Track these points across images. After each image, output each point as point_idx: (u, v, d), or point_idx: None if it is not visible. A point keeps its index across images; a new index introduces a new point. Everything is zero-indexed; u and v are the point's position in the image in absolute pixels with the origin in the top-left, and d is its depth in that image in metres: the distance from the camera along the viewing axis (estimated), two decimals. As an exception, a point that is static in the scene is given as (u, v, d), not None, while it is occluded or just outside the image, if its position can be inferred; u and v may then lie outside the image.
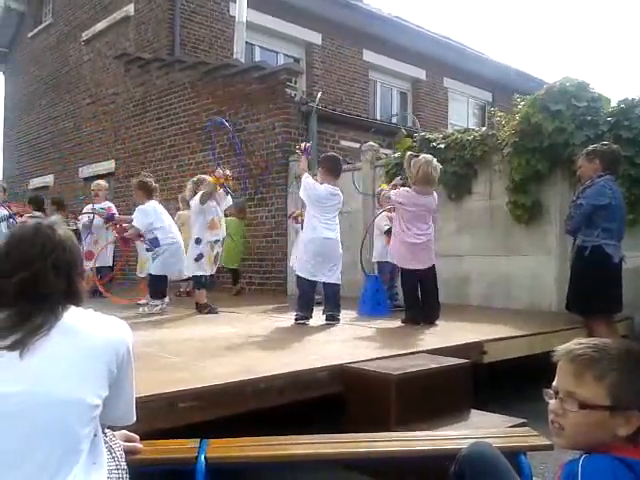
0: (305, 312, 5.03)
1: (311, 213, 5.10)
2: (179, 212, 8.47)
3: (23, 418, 1.39)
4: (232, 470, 2.40)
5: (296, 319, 5.04)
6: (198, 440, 2.34)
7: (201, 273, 5.97)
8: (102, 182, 8.71)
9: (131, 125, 12.13)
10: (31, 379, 1.41)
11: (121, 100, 12.45)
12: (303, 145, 5.42)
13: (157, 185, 6.72)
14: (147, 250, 6.36)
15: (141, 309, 6.15)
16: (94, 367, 1.50)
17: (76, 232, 7.89)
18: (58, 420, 1.42)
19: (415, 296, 5.12)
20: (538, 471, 2.87)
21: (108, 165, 12.82)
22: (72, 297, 1.58)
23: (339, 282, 5.16)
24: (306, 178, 5.13)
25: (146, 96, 11.73)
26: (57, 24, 15.08)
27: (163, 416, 2.49)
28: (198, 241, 5.95)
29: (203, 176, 6.38)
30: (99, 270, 7.80)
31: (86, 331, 1.53)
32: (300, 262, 5.16)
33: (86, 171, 13.61)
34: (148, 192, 6.31)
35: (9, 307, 1.49)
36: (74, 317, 1.54)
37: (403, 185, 5.39)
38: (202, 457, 2.20)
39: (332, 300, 5.11)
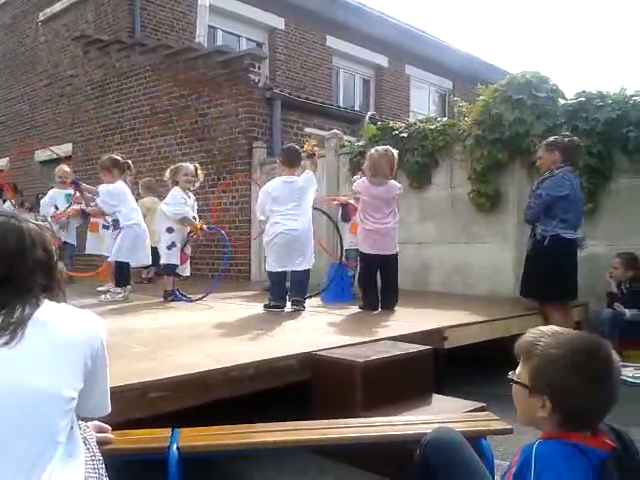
0: (279, 301, 5.10)
1: (272, 210, 5.14)
2: (142, 200, 8.35)
3: (0, 411, 1.40)
4: (204, 459, 2.44)
5: (270, 307, 5.09)
6: (170, 430, 2.37)
7: (173, 262, 5.94)
8: (66, 167, 8.46)
9: (89, 108, 11.87)
10: (6, 373, 1.41)
11: (79, 82, 12.17)
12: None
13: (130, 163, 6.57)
14: (104, 227, 6.29)
15: (103, 296, 6.07)
16: (69, 360, 1.51)
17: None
18: (35, 414, 1.42)
19: (372, 283, 5.22)
20: (498, 452, 2.99)
21: (65, 148, 12.51)
22: (50, 291, 1.59)
23: (309, 268, 5.20)
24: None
25: (105, 79, 11.49)
26: (13, 2, 14.56)
27: (134, 406, 2.50)
28: (170, 230, 5.92)
29: (182, 164, 6.20)
30: (64, 245, 7.58)
31: (60, 325, 1.54)
32: (269, 256, 5.19)
33: (42, 155, 13.28)
34: (121, 170, 6.18)
35: None
36: (48, 311, 1.54)
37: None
38: (174, 446, 2.23)
39: (299, 286, 5.19)
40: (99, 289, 6.38)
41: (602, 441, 1.47)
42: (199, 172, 6.14)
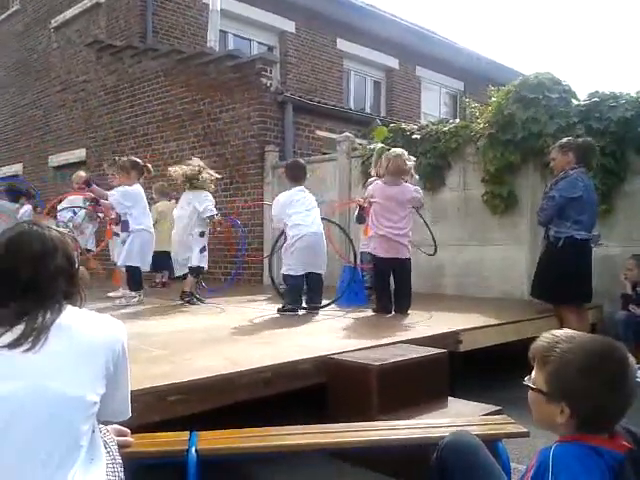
0: (295, 304, 5.17)
1: (292, 213, 5.23)
2: (155, 205, 8.44)
3: (26, 415, 1.42)
4: (220, 461, 2.46)
5: (285, 310, 5.14)
6: (188, 433, 2.39)
7: (203, 265, 6.04)
8: (83, 173, 8.54)
9: (103, 113, 11.97)
10: (32, 377, 1.44)
11: (92, 88, 12.27)
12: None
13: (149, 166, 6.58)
14: (114, 234, 6.35)
15: (117, 301, 6.12)
16: (92, 365, 1.54)
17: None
18: (60, 417, 1.45)
19: (386, 286, 5.26)
20: (514, 455, 2.99)
21: (79, 154, 12.64)
22: (71, 297, 1.62)
23: (322, 271, 5.33)
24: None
25: (118, 84, 11.58)
26: (24, 10, 14.72)
27: (152, 410, 2.53)
28: (202, 234, 6.01)
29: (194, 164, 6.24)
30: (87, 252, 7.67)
31: (82, 330, 1.57)
32: (287, 260, 5.23)
33: (56, 160, 13.40)
34: (139, 173, 6.27)
35: (10, 306, 1.52)
36: (70, 316, 1.57)
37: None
38: (193, 449, 2.25)
39: (316, 290, 5.29)
40: (109, 295, 6.43)
41: (618, 443, 1.47)
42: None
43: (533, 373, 1.59)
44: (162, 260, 8.43)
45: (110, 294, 6.50)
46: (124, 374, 1.69)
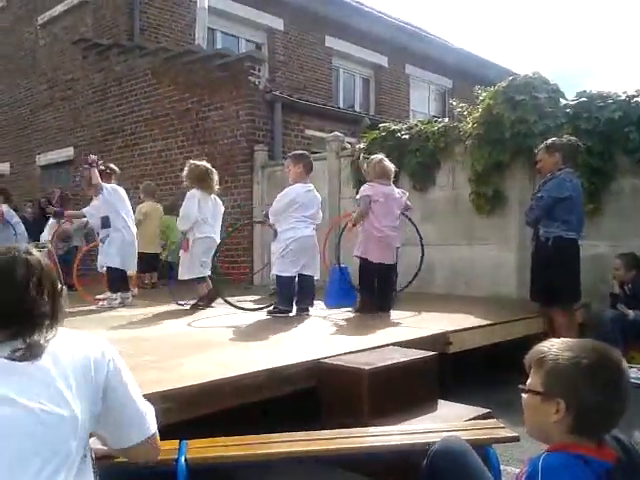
0: (287, 306, 5.17)
1: (289, 214, 5.19)
2: (140, 205, 8.41)
3: (15, 435, 1.41)
4: (212, 469, 2.45)
5: (276, 312, 5.14)
6: (177, 441, 2.38)
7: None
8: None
9: (90, 112, 11.90)
10: (22, 396, 1.43)
11: (79, 86, 12.19)
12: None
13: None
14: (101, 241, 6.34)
15: (100, 303, 6.12)
16: (81, 385, 1.53)
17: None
18: (50, 437, 1.44)
19: (372, 288, 5.35)
20: (504, 458, 3.00)
21: (67, 153, 12.56)
22: (55, 318, 1.61)
23: (316, 275, 5.33)
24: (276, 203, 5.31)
25: (105, 82, 11.52)
26: (11, 7, 14.59)
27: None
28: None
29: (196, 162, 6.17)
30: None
31: (66, 349, 1.56)
32: (281, 261, 5.19)
33: (44, 159, 13.31)
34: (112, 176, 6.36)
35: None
36: (55, 338, 1.57)
37: None
38: (182, 459, 2.24)
39: (308, 293, 5.29)
40: (97, 297, 6.41)
41: (607, 452, 1.48)
42: None
43: (529, 379, 1.59)
44: (150, 261, 8.43)
45: (98, 296, 6.46)
46: (124, 391, 1.65)
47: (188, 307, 5.86)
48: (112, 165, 6.57)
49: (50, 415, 1.45)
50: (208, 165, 6.09)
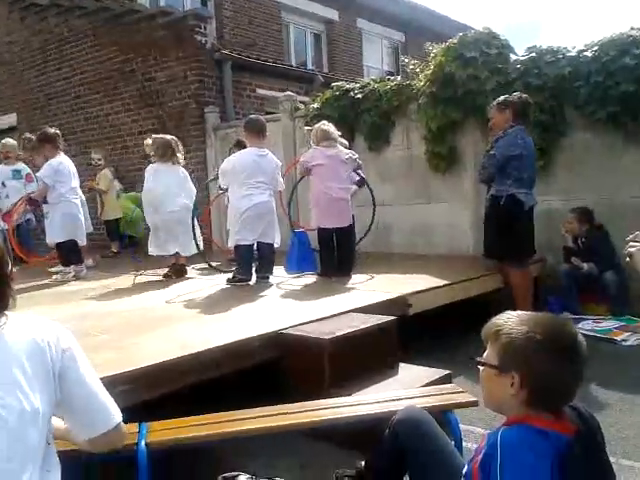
0: (246, 274, 5.11)
1: (243, 181, 5.09)
2: (104, 171, 8.38)
3: None
4: (175, 453, 2.42)
5: (235, 280, 5.08)
6: (137, 424, 2.33)
7: None
8: (10, 140, 8.13)
9: (31, 76, 11.35)
10: None
11: (18, 49, 11.57)
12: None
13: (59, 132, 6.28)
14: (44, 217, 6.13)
15: (54, 277, 5.98)
16: (35, 372, 1.46)
17: None
18: (13, 431, 1.39)
19: (330, 252, 5.36)
20: (464, 418, 3.06)
21: (9, 119, 12.00)
22: (5, 301, 1.53)
23: (275, 243, 5.28)
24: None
25: (45, 45, 10.96)
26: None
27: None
28: None
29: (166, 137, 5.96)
30: (18, 229, 7.35)
31: (18, 336, 1.49)
32: (238, 229, 5.10)
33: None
34: (56, 144, 6.03)
35: None
36: (4, 324, 1.49)
37: None
38: (142, 443, 2.20)
39: (267, 260, 5.25)
40: (50, 270, 6.24)
41: (566, 425, 1.50)
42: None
43: (485, 352, 1.60)
44: (112, 228, 8.38)
45: (50, 269, 6.30)
46: (82, 379, 1.59)
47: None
48: (53, 131, 6.15)
49: (7, 408, 1.39)
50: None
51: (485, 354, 1.61)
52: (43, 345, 1.51)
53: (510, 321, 1.55)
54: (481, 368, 1.61)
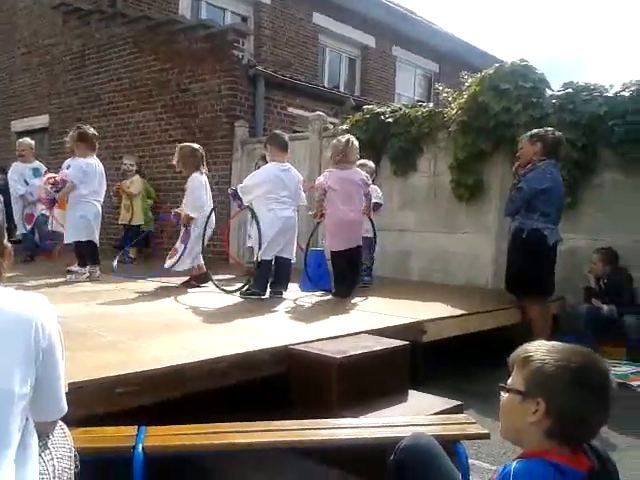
0: (261, 289, 5.05)
1: (267, 196, 5.06)
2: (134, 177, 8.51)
3: None
4: (171, 458, 2.36)
5: (249, 294, 5.02)
6: (136, 427, 2.28)
7: None
8: (27, 139, 8.29)
9: (68, 79, 11.55)
10: None
11: (58, 52, 11.81)
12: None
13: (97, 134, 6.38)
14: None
15: (68, 276, 5.97)
16: (12, 350, 1.39)
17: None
18: None
19: (344, 274, 5.24)
20: (472, 451, 2.96)
21: (42, 120, 12.22)
22: None
23: (292, 258, 5.24)
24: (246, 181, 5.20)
25: (85, 49, 11.17)
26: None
27: (99, 402, 2.40)
28: None
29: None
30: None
31: (4, 311, 1.41)
32: (264, 246, 5.02)
33: (19, 125, 12.92)
34: (91, 146, 6.08)
35: None
36: None
37: None
38: (140, 446, 2.15)
39: (284, 275, 5.19)
40: (68, 268, 6.24)
41: (582, 460, 1.43)
42: None
43: (511, 378, 1.55)
44: (135, 234, 8.48)
45: (69, 268, 6.30)
46: (52, 361, 1.49)
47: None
48: (92, 131, 6.23)
49: None
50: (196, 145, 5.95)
51: (510, 380, 1.55)
52: (28, 322, 1.43)
53: (542, 348, 1.51)
54: (503, 395, 1.55)
